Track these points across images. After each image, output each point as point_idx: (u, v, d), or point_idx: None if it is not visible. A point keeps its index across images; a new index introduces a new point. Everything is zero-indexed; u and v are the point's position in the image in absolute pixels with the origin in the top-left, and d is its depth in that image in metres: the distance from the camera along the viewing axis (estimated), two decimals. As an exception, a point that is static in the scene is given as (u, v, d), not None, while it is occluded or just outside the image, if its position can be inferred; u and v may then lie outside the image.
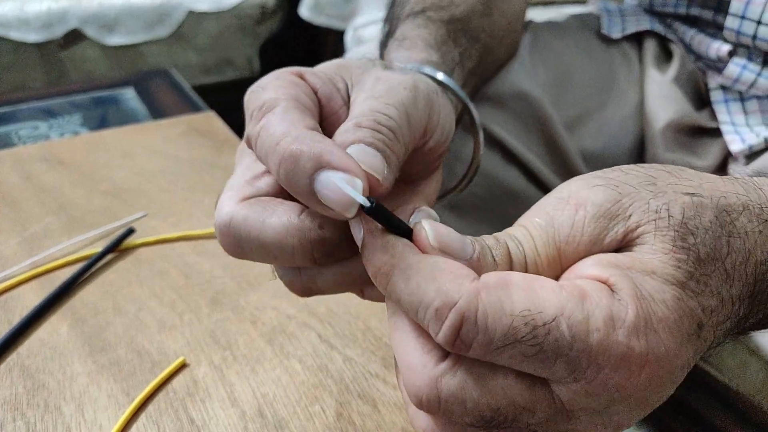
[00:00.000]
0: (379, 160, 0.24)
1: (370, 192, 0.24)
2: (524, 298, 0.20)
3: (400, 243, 0.22)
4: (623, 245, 0.23)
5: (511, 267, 0.23)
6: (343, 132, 0.25)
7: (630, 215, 0.23)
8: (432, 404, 0.21)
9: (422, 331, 0.22)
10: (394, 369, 0.26)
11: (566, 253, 0.23)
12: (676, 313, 0.21)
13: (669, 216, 0.22)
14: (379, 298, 0.28)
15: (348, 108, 0.29)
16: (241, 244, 0.26)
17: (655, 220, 0.22)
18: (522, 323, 0.20)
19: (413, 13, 0.42)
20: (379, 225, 0.23)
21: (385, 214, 0.23)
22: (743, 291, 0.23)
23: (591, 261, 0.22)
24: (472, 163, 0.40)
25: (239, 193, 0.27)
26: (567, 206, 0.23)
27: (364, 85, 0.29)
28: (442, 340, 0.21)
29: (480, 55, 0.45)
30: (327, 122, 0.29)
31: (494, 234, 0.24)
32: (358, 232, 0.23)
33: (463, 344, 0.20)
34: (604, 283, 0.21)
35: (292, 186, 0.23)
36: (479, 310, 0.20)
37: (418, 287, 0.21)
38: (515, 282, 0.21)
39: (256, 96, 0.27)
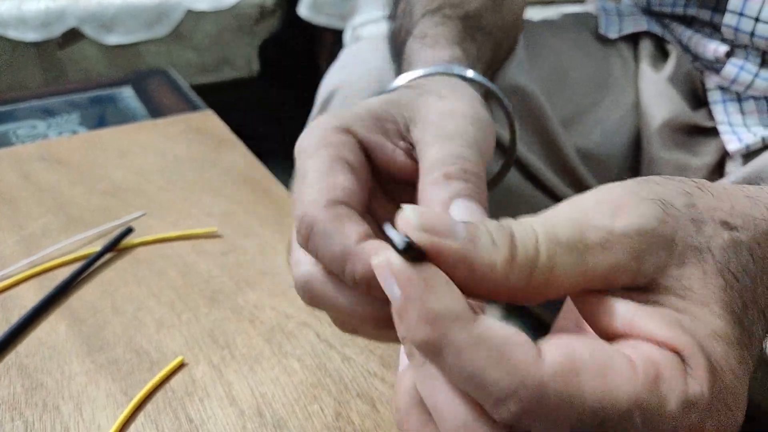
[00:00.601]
0: (480, 215, 0.25)
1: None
2: (596, 388, 0.18)
3: (447, 309, 0.19)
4: (660, 283, 0.21)
5: (515, 255, 0.20)
6: (433, 185, 0.26)
7: (675, 244, 0.21)
8: None
9: (472, 399, 0.20)
10: (396, 372, 0.26)
11: (595, 258, 0.20)
12: (741, 379, 0.20)
13: (714, 259, 0.21)
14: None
15: (402, 149, 0.29)
16: (317, 303, 0.27)
17: (701, 263, 0.21)
18: (592, 418, 0.18)
19: (429, 12, 0.43)
20: (419, 287, 0.19)
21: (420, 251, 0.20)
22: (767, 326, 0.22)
23: (655, 317, 0.20)
24: (508, 154, 0.40)
25: None
26: (601, 207, 0.21)
27: (428, 119, 0.29)
28: (500, 422, 0.19)
29: (492, 50, 0.45)
30: (380, 167, 0.29)
31: (504, 219, 0.22)
32: (393, 291, 0.20)
33: (525, 429, 0.19)
34: (675, 352, 0.19)
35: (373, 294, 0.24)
36: (545, 403, 0.18)
37: (474, 369, 0.18)
38: (585, 366, 0.18)
39: (297, 184, 0.27)
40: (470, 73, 0.36)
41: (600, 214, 0.21)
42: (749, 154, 0.52)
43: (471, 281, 0.20)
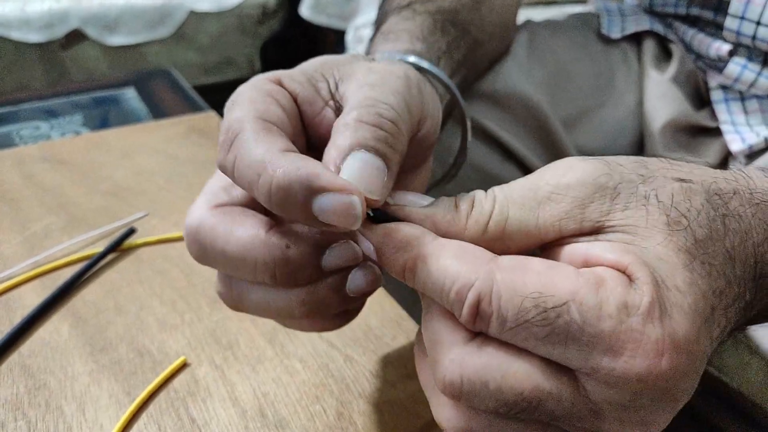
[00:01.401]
0: (378, 173, 0.24)
1: (368, 203, 0.23)
2: (537, 281, 0.21)
3: (414, 236, 0.23)
4: (606, 225, 0.22)
5: (472, 211, 0.23)
6: (343, 127, 0.24)
7: (618, 193, 0.22)
8: (455, 384, 0.21)
9: (451, 316, 0.22)
10: (416, 371, 0.26)
11: (545, 210, 0.23)
12: (690, 298, 0.21)
13: (658, 201, 0.22)
14: (298, 327, 0.29)
15: (332, 108, 0.28)
16: (205, 252, 0.26)
17: (645, 206, 0.22)
18: (531, 305, 0.20)
19: (399, 7, 0.42)
20: (385, 229, 0.24)
21: (388, 217, 0.24)
22: (746, 273, 0.23)
23: (604, 246, 0.22)
24: (460, 152, 0.40)
25: (213, 200, 0.27)
26: (554, 169, 0.24)
27: (355, 75, 0.28)
28: (464, 319, 0.21)
29: (469, 47, 0.44)
30: (309, 126, 0.28)
31: None
32: (367, 244, 0.24)
33: (483, 322, 0.21)
34: (623, 271, 0.21)
35: (288, 214, 0.23)
36: (493, 289, 0.21)
37: (440, 273, 0.22)
38: (532, 266, 0.21)
39: (226, 114, 0.25)
40: (425, 64, 0.35)
41: (551, 175, 0.23)
42: (752, 154, 0.52)
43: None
